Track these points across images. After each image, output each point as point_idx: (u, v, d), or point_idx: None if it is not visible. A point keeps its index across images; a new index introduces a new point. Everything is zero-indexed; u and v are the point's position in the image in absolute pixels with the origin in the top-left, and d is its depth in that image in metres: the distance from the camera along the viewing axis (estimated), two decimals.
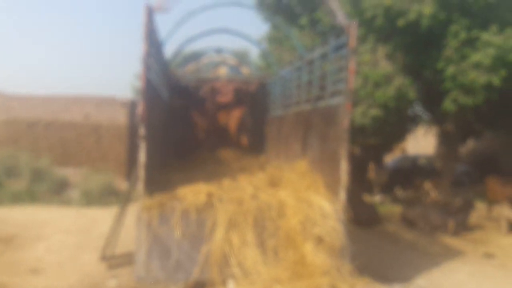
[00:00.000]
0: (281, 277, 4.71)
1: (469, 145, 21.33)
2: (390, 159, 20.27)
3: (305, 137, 7.33)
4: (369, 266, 6.39)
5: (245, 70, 11.93)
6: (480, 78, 9.47)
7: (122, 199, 8.27)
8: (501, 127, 13.46)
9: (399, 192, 13.80)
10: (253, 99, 10.95)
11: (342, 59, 6.00)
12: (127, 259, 7.04)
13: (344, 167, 5.63)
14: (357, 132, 12.46)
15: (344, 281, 4.77)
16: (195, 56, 12.47)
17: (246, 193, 5.76)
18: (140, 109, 5.58)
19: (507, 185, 11.03)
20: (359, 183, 14.35)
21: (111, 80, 67.80)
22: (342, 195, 5.62)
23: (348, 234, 5.45)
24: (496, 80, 9.31)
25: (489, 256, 8.46)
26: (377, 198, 13.15)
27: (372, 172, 15.59)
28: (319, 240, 5.22)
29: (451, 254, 8.46)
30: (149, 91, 6.01)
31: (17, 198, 12.24)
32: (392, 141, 16.44)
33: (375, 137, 14.26)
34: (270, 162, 8.17)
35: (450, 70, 9.99)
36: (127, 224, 7.55)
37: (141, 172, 5.55)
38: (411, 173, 14.52)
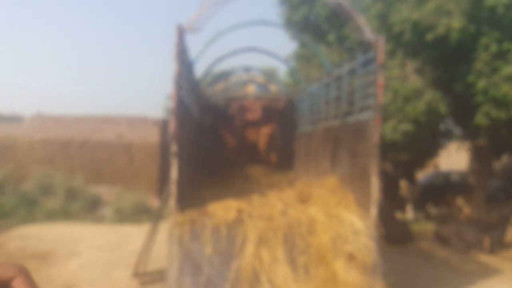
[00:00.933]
0: None
1: (503, 160, 20.70)
2: (422, 175, 19.83)
3: (334, 153, 7.27)
4: (402, 285, 6.23)
5: (273, 88, 12.00)
6: None
7: (154, 216, 8.39)
8: None
9: (431, 209, 13.45)
10: (281, 115, 10.97)
11: (370, 74, 5.97)
12: (159, 276, 7.11)
13: (374, 183, 5.53)
14: (387, 148, 12.29)
15: None
16: (224, 75, 12.61)
17: (276, 209, 5.73)
18: (171, 126, 5.68)
19: None
20: (390, 200, 14.08)
21: (144, 101, 69.58)
22: (373, 211, 5.51)
23: (380, 251, 5.33)
24: None
25: None
26: (409, 215, 12.83)
27: (404, 189, 15.28)
28: (351, 257, 5.12)
29: (487, 272, 8.18)
30: (180, 109, 6.11)
31: (52, 216, 12.58)
32: (424, 157, 16.13)
33: (406, 153, 14.02)
34: (299, 178, 8.11)
35: (481, 83, 9.80)
36: (159, 241, 7.64)
37: (172, 189, 5.61)
38: (444, 189, 14.14)
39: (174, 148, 5.66)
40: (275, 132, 10.30)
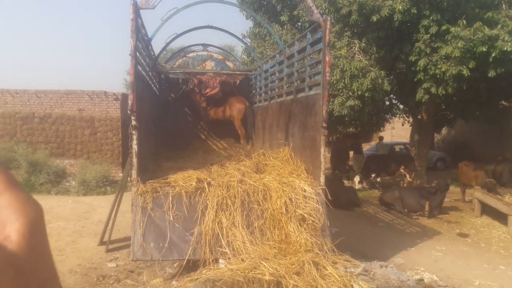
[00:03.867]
0: (268, 254, 4.86)
1: (443, 133, 21.80)
2: (369, 147, 20.59)
3: (287, 126, 7.48)
4: (349, 245, 6.61)
5: (230, 65, 11.98)
6: (450, 69, 9.71)
7: (118, 187, 8.36)
8: (471, 116, 13.81)
9: (374, 177, 14.06)
10: (238, 91, 11.05)
11: (319, 52, 6.14)
12: (124, 243, 7.17)
13: (322, 153, 5.78)
14: (336, 122, 12.71)
15: (326, 258, 4.92)
16: (183, 52, 12.43)
17: (234, 178, 5.90)
18: (130, 100, 5.64)
19: (478, 169, 11.30)
20: (340, 169, 14.63)
21: (104, 76, 67.18)
22: (322, 178, 5.78)
23: (328, 214, 5.62)
24: (466, 71, 9.55)
25: (463, 235, 8.72)
26: (356, 182, 13.41)
27: (352, 159, 15.87)
28: (302, 220, 5.40)
29: (427, 234, 8.67)
30: (138, 83, 6.08)
31: None
32: (370, 130, 16.79)
33: (353, 126, 14.54)
34: (256, 150, 8.28)
35: (422, 62, 10.22)
36: (123, 211, 7.66)
37: (134, 160, 5.64)
38: (388, 159, 14.77)
39: (133, 121, 5.66)
40: (248, 108, 10.41)
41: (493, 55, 9.33)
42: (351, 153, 15.79)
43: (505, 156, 13.46)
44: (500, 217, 9.20)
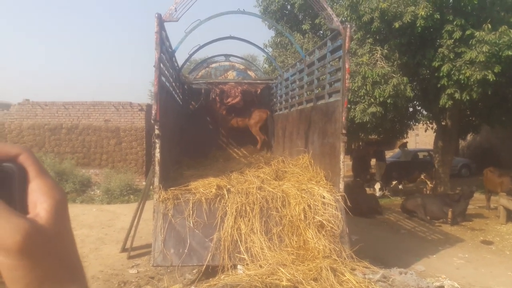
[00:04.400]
0: (286, 260, 4.87)
1: (468, 140, 21.30)
2: (392, 154, 20.30)
3: (307, 133, 7.49)
4: (369, 252, 6.53)
5: (252, 74, 12.10)
6: (475, 74, 9.54)
7: (141, 195, 8.52)
8: (496, 121, 13.46)
9: (396, 184, 13.83)
10: (259, 100, 11.13)
11: (339, 60, 6.16)
12: (146, 250, 7.29)
13: (342, 160, 5.77)
14: (358, 129, 12.62)
15: (344, 264, 4.89)
16: (206, 62, 12.64)
17: (253, 185, 5.94)
18: (154, 110, 5.79)
19: (503, 175, 11.00)
20: (362, 177, 14.48)
21: (130, 88, 68.78)
22: (341, 185, 5.76)
23: (347, 221, 5.59)
24: (491, 76, 9.37)
25: (487, 243, 8.50)
26: (377, 189, 13.23)
27: (374, 167, 15.69)
28: (321, 227, 5.38)
29: (449, 241, 8.51)
30: (162, 93, 6.23)
31: None
32: (393, 137, 16.57)
33: (375, 133, 14.38)
34: (276, 157, 8.31)
35: (446, 67, 10.08)
36: (145, 219, 7.80)
37: (156, 168, 5.77)
38: (410, 166, 14.53)
39: (156, 130, 5.80)
40: (269, 117, 10.50)
41: None
42: (374, 160, 15.63)
43: None
44: None
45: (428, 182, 12.91)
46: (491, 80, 9.43)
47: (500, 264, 7.15)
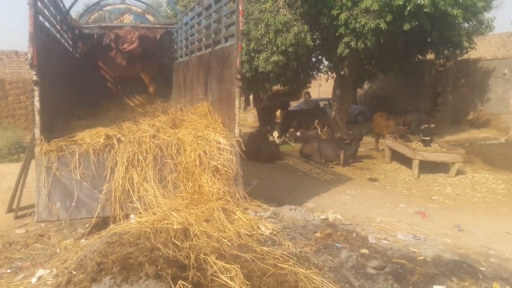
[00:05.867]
0: (179, 206, 4.85)
1: (365, 88, 22.71)
2: (296, 104, 21.01)
3: (207, 80, 7.36)
4: (267, 193, 6.77)
5: (151, 18, 11.42)
6: (369, 22, 9.95)
7: (26, 151, 7.84)
8: (389, 69, 14.45)
9: (293, 131, 14.43)
10: (159, 46, 10.64)
11: (234, 2, 5.98)
12: (33, 209, 6.80)
13: (237, 105, 5.77)
14: (262, 78, 12.73)
15: (237, 204, 5.02)
16: (98, 5, 11.59)
17: (146, 134, 5.75)
18: (29, 53, 5.18)
19: (390, 119, 11.98)
20: (267, 126, 14.85)
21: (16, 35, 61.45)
22: (237, 130, 5.79)
23: (247, 167, 5.70)
24: (383, 25, 9.84)
25: (372, 180, 9.29)
26: (275, 137, 13.69)
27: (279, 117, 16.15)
28: (216, 171, 5.42)
29: (340, 180, 9.14)
30: (41, 36, 5.62)
31: None
32: (297, 88, 17.04)
33: (279, 83, 14.68)
34: (175, 106, 8.09)
35: (344, 16, 10.37)
36: (35, 176, 7.20)
37: (37, 118, 5.28)
38: (311, 114, 15.18)
39: (34, 76, 5.24)
40: (160, 65, 10.08)
41: (408, 8, 9.66)
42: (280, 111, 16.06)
43: (416, 107, 14.42)
44: (407, 162, 9.86)
45: (319, 128, 13.70)
46: (383, 28, 9.92)
47: (382, 197, 7.88)
